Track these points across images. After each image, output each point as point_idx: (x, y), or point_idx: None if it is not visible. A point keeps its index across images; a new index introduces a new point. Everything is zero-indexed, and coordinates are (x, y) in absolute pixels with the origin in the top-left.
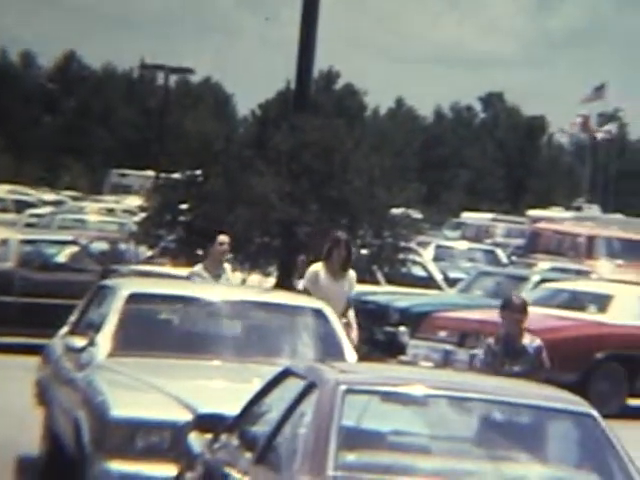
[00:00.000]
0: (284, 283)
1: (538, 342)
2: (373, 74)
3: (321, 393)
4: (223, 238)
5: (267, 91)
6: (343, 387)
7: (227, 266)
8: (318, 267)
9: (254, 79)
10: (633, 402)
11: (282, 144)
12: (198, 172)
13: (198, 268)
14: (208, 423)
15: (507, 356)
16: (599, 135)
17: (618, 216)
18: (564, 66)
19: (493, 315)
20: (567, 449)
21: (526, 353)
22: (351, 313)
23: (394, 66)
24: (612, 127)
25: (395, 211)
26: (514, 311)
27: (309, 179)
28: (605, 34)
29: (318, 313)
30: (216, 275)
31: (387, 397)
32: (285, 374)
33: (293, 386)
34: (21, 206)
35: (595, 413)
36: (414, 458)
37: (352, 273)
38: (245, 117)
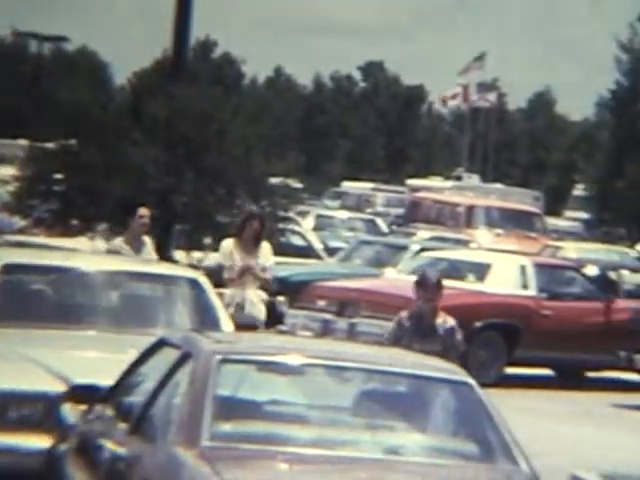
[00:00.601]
0: (160, 253)
1: (451, 323)
2: (251, 43)
3: (196, 363)
4: (143, 211)
5: (144, 60)
6: (218, 357)
7: (147, 240)
8: (231, 242)
9: (131, 48)
10: (511, 371)
11: (158, 113)
12: (73, 141)
13: (117, 242)
14: (82, 394)
15: (417, 334)
16: (479, 103)
17: (497, 186)
18: (443, 36)
19: (372, 284)
20: (444, 418)
21: (436, 333)
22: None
23: (272, 35)
24: (491, 96)
25: (274, 180)
26: (428, 289)
27: (185, 148)
28: (485, 3)
29: (194, 283)
30: (136, 249)
31: (263, 366)
32: (160, 344)
33: (168, 356)
34: None
35: (472, 381)
36: (291, 428)
37: (266, 244)
38: (122, 86)
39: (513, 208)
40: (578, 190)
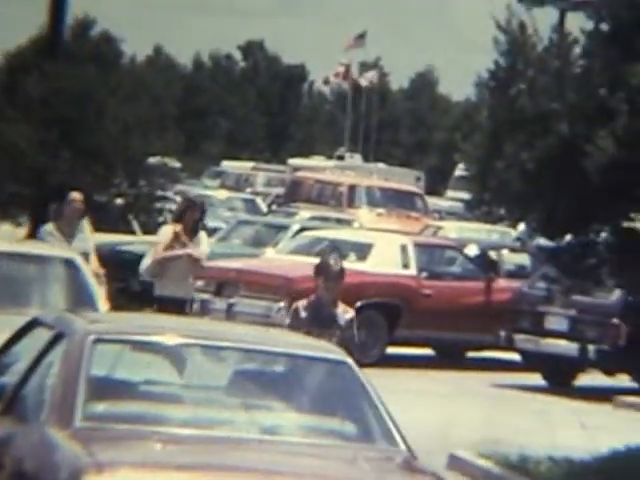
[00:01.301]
0: (36, 233)
1: (352, 314)
2: (130, 22)
3: (69, 343)
4: (75, 195)
5: (20, 38)
6: (92, 337)
7: (85, 225)
8: (170, 228)
9: (6, 26)
10: (392, 350)
11: (33, 91)
12: None
13: (49, 227)
14: None
15: (315, 324)
16: (362, 82)
17: (379, 165)
18: (324, 15)
19: (251, 264)
20: (322, 397)
21: (336, 323)
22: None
23: (152, 14)
24: (373, 75)
25: (152, 160)
26: (330, 277)
27: (62, 127)
28: None
29: (69, 263)
30: (69, 235)
31: (138, 346)
32: (33, 324)
33: (41, 336)
34: None
35: (349, 360)
36: (165, 407)
37: (203, 234)
38: None
39: (395, 188)
40: (459, 170)
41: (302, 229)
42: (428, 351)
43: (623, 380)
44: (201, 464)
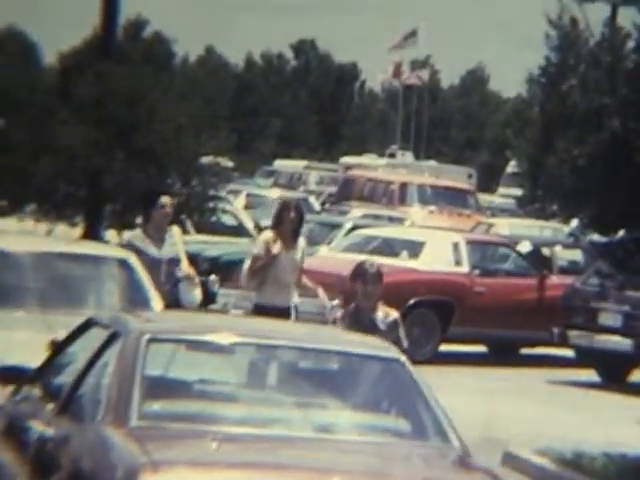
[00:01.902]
0: (91, 233)
1: (394, 316)
2: (182, 22)
3: (124, 342)
4: (164, 200)
5: (73, 39)
6: (147, 336)
7: (176, 230)
8: (269, 235)
9: (60, 27)
10: (445, 348)
11: (86, 92)
12: (0, 122)
13: (137, 233)
14: (11, 375)
15: (355, 330)
16: (411, 81)
17: (430, 163)
18: (375, 12)
19: (306, 262)
20: (376, 395)
21: (377, 328)
22: (305, 280)
23: (204, 14)
24: (424, 74)
25: (204, 159)
26: (367, 282)
27: (115, 128)
28: None
29: (123, 263)
30: (159, 241)
31: (193, 345)
32: (89, 324)
33: (97, 336)
34: None
35: (403, 358)
36: (221, 406)
37: (302, 241)
38: (50, 66)
39: (446, 185)
40: (511, 167)
41: (355, 227)
42: (481, 348)
43: None
44: (256, 462)
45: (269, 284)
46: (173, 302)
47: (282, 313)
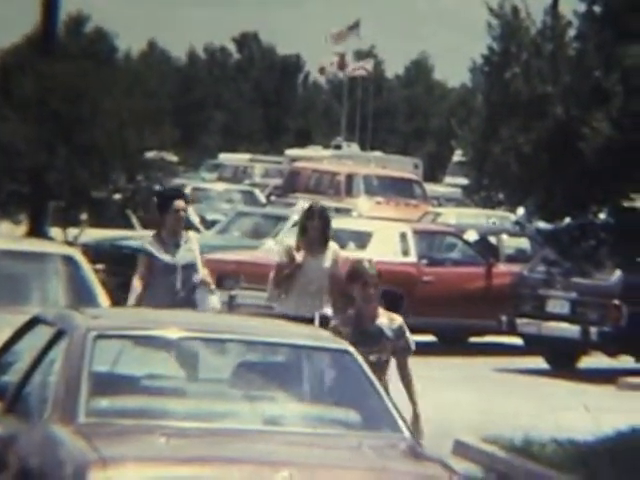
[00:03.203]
0: (35, 230)
1: (399, 321)
2: (123, 17)
3: (71, 340)
4: (178, 204)
5: (13, 37)
6: (93, 333)
7: (192, 235)
8: (291, 243)
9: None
10: None
11: (28, 89)
12: None
13: (150, 239)
14: None
15: (359, 340)
16: (357, 73)
17: (376, 154)
18: (317, 4)
19: (251, 255)
20: (325, 386)
21: (383, 336)
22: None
23: (145, 8)
24: (368, 64)
25: (149, 154)
26: (367, 284)
27: (57, 124)
28: None
29: (69, 259)
30: (173, 245)
31: (140, 341)
32: (34, 322)
33: (43, 334)
34: None
35: (351, 349)
36: (169, 401)
37: (334, 246)
38: None
39: (392, 176)
40: (456, 156)
41: None
42: (430, 337)
43: (626, 361)
44: (205, 457)
45: (294, 294)
46: (191, 309)
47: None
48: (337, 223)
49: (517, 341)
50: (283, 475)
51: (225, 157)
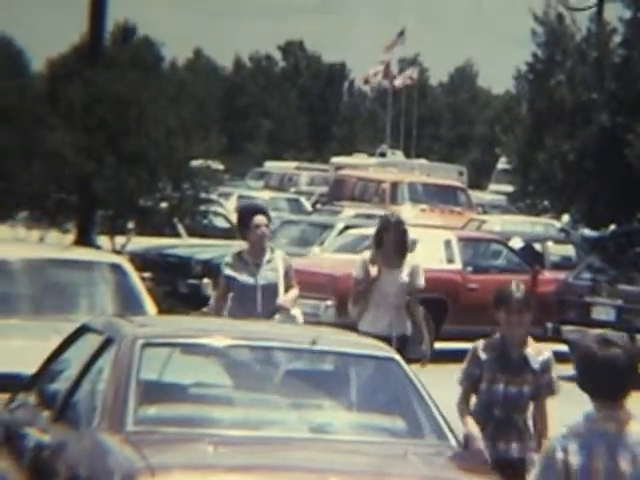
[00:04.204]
0: (83, 239)
1: (547, 354)
2: (170, 26)
3: (119, 348)
4: (260, 219)
5: (62, 46)
6: (141, 341)
7: (278, 254)
8: (366, 256)
9: (48, 34)
10: (439, 345)
11: (75, 98)
12: None
13: (229, 258)
14: (5, 383)
15: (500, 369)
16: (400, 81)
17: (421, 161)
18: (362, 12)
19: (298, 263)
20: (371, 394)
21: (528, 368)
22: (419, 310)
23: (191, 17)
24: (412, 72)
25: (195, 163)
26: (513, 308)
27: (104, 133)
28: None
29: (117, 268)
30: (254, 265)
31: (187, 349)
32: (83, 330)
33: (91, 342)
34: None
35: (397, 357)
36: (216, 409)
37: (415, 263)
38: (39, 73)
39: (437, 183)
40: (501, 163)
41: (347, 227)
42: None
43: None
44: (252, 465)
45: (370, 310)
46: None
47: (386, 343)
48: None
49: (563, 348)
50: None
51: (271, 165)
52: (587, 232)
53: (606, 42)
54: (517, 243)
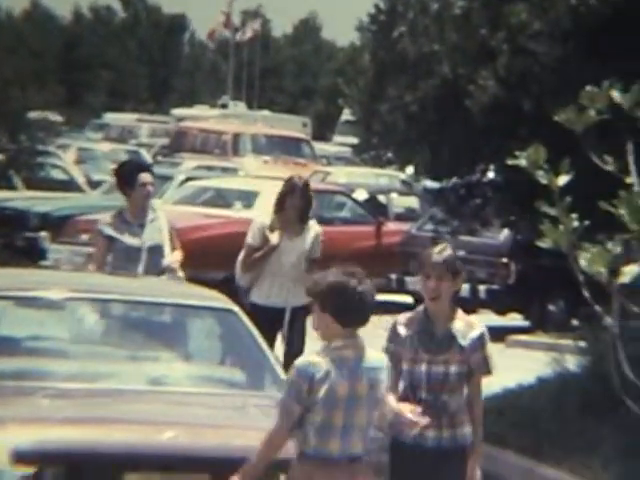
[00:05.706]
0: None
1: (480, 329)
2: None
3: None
4: (145, 177)
5: None
6: None
7: (161, 214)
8: (266, 220)
9: None
10: None
11: None
12: None
13: (106, 219)
14: None
15: (423, 345)
16: (246, 35)
17: (264, 113)
18: None
19: None
20: (210, 346)
21: (455, 344)
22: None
23: None
24: (256, 24)
25: (32, 114)
26: (431, 274)
27: None
28: None
29: None
30: (137, 226)
31: (23, 302)
32: None
33: None
34: None
35: (236, 308)
36: (51, 362)
37: (315, 227)
38: None
39: (280, 135)
40: (345, 115)
41: (187, 179)
42: None
43: (515, 319)
44: (87, 417)
45: (266, 280)
46: None
47: (280, 315)
48: (223, 183)
49: (407, 299)
50: (168, 435)
51: (111, 117)
52: (429, 184)
53: None
54: (361, 195)
